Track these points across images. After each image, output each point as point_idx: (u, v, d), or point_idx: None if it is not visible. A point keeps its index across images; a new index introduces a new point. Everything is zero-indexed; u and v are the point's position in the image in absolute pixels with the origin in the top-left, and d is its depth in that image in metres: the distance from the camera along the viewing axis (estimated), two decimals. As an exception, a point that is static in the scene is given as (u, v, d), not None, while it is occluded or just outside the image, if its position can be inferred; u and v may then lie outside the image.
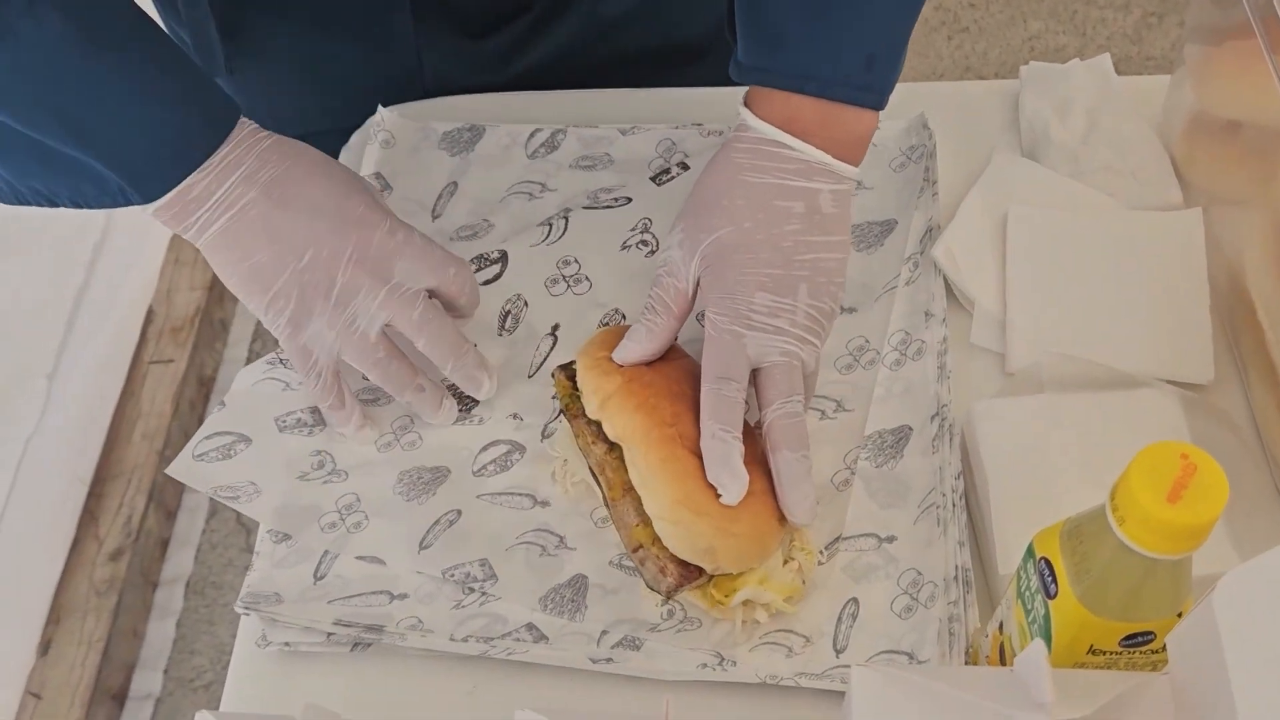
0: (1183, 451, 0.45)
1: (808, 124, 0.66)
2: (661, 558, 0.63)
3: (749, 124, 0.67)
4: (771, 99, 0.67)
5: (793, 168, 0.66)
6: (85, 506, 1.63)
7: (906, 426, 0.70)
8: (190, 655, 1.61)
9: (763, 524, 0.63)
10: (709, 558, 0.62)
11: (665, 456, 0.63)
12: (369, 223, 0.67)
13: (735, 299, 0.65)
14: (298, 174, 0.66)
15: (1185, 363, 0.72)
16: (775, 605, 0.63)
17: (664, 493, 0.62)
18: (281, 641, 0.65)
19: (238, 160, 0.65)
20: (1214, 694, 0.41)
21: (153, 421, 1.71)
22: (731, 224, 0.66)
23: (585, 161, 0.83)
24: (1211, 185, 0.79)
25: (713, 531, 0.61)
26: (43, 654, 1.52)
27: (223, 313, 1.90)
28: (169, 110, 0.63)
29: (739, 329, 0.65)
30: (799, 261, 0.66)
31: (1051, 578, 0.51)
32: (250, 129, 0.66)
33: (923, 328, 0.74)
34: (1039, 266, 0.76)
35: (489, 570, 0.67)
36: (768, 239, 0.66)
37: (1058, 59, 0.85)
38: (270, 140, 0.67)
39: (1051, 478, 0.66)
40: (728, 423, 0.63)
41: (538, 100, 0.88)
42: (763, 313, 0.65)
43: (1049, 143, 0.82)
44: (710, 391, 0.64)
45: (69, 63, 0.60)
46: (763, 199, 0.66)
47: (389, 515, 0.69)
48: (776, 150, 0.66)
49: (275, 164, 0.66)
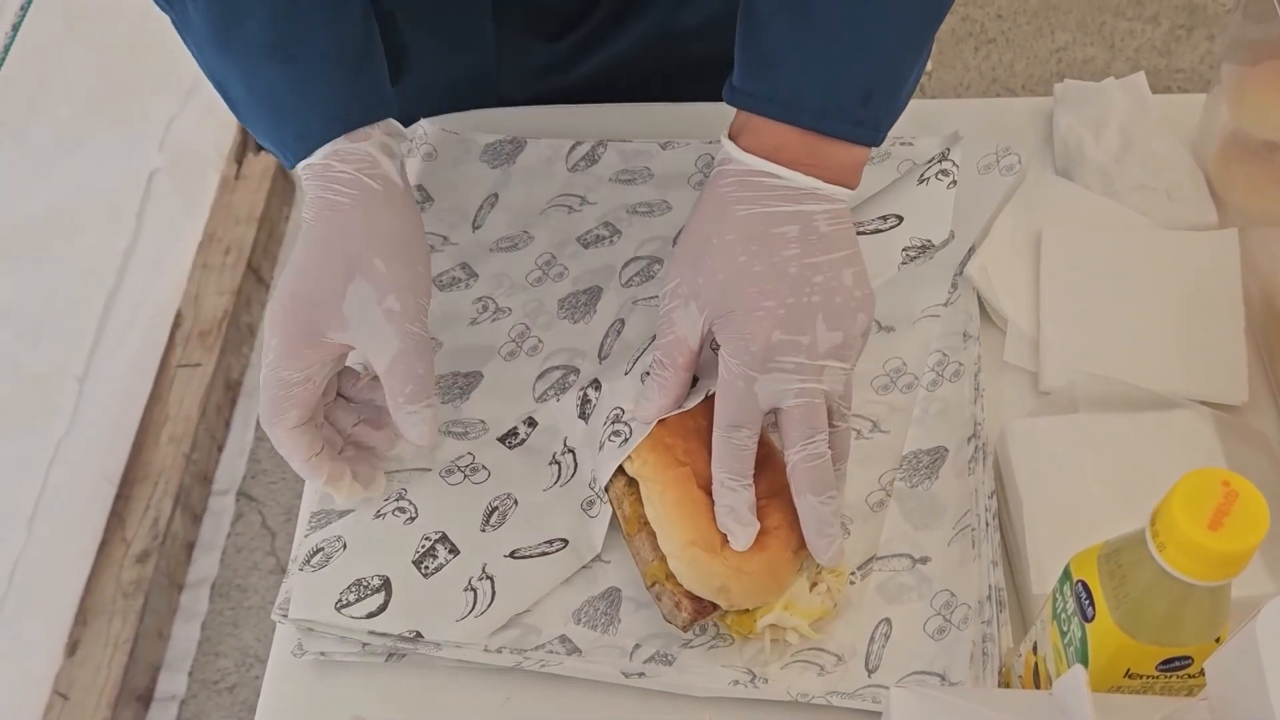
0: (1224, 479, 0.45)
1: (796, 154, 0.63)
2: (676, 593, 0.63)
3: (733, 156, 0.64)
4: (759, 130, 0.63)
5: (780, 195, 0.63)
6: (113, 508, 1.64)
7: (942, 448, 0.71)
8: (215, 657, 1.62)
9: (777, 561, 0.63)
10: (723, 595, 0.62)
11: (680, 497, 0.63)
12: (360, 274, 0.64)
13: (747, 341, 0.62)
14: (363, 208, 0.65)
15: (1219, 383, 0.72)
16: (801, 630, 0.63)
17: (678, 532, 0.62)
18: (317, 651, 0.66)
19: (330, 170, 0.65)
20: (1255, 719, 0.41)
21: (180, 425, 1.73)
22: (727, 261, 0.62)
23: (625, 175, 0.84)
24: (1247, 206, 0.78)
25: (726, 571, 0.62)
26: (70, 655, 1.53)
27: (249, 317, 1.91)
28: (275, 114, 0.66)
29: (751, 373, 0.62)
30: (811, 286, 0.62)
31: (1089, 601, 0.51)
32: (373, 143, 0.66)
33: (960, 349, 0.74)
34: (1073, 285, 0.77)
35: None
36: (768, 269, 0.62)
37: (1085, 71, 0.85)
38: (357, 170, 0.65)
39: (1085, 498, 0.66)
40: (736, 472, 0.62)
41: (576, 114, 0.89)
42: (778, 350, 0.62)
43: (1083, 161, 0.82)
44: (720, 439, 0.63)
45: (214, 42, 0.65)
46: (754, 229, 0.62)
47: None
48: (762, 180, 0.63)
49: (346, 191, 0.65)
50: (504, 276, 0.80)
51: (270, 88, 0.65)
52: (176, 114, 1.85)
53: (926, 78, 2.10)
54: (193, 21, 0.65)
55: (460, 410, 0.74)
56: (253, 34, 0.64)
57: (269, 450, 1.80)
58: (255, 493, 1.77)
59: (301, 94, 0.65)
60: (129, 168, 1.77)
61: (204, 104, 1.89)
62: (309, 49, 0.65)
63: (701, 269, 0.63)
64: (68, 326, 1.65)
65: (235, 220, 1.93)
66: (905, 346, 0.75)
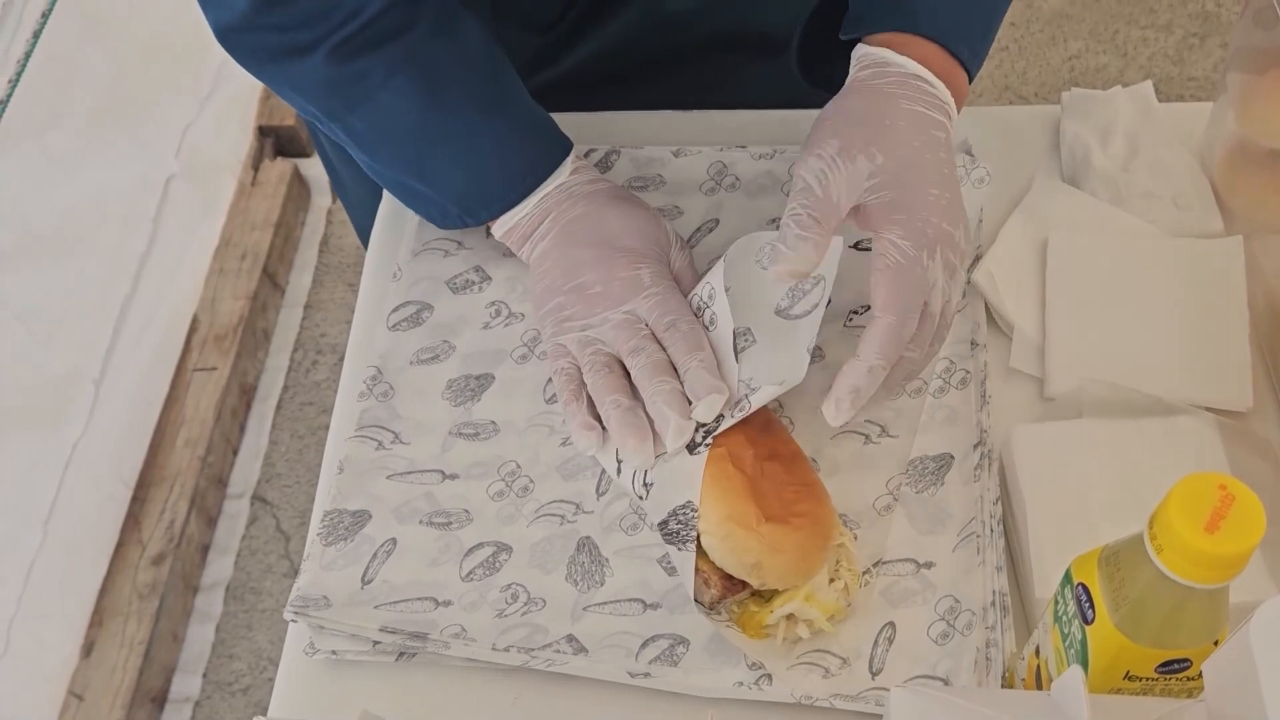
0: (1221, 482, 0.46)
1: (938, 70, 0.69)
2: (706, 569, 0.64)
3: (892, 60, 0.69)
4: (908, 44, 0.69)
5: (933, 103, 0.69)
6: (128, 511, 1.66)
7: (949, 454, 0.71)
8: (229, 659, 1.64)
9: (809, 544, 0.64)
10: (755, 573, 0.63)
11: (715, 474, 0.64)
12: (624, 262, 0.73)
13: (923, 224, 0.64)
14: (594, 215, 0.75)
15: (1224, 389, 0.73)
16: (819, 623, 0.64)
17: (713, 508, 0.63)
18: (329, 650, 0.67)
19: (546, 208, 0.76)
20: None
21: (195, 428, 1.74)
22: (903, 142, 0.66)
23: (638, 182, 0.85)
24: (1252, 213, 0.79)
25: (760, 548, 0.63)
26: (85, 656, 1.55)
27: (265, 322, 1.93)
28: (490, 160, 0.75)
29: (926, 258, 0.64)
30: (955, 193, 0.67)
31: (1089, 603, 0.52)
32: (572, 175, 0.77)
33: (968, 357, 0.74)
34: (1079, 292, 0.77)
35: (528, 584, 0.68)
36: (935, 162, 0.66)
37: (1098, 79, 0.86)
38: (585, 188, 0.76)
39: (1089, 503, 0.67)
40: (889, 358, 0.63)
41: (590, 120, 0.90)
42: (943, 240, 0.64)
43: (1090, 169, 0.83)
44: (888, 327, 0.63)
45: (414, 123, 0.74)
46: (921, 126, 0.67)
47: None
48: (920, 85, 0.68)
49: (579, 206, 0.76)
50: (517, 281, 0.81)
51: (492, 138, 0.75)
52: (193, 120, 1.87)
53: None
54: (388, 110, 0.73)
55: (471, 412, 0.75)
56: (458, 98, 0.74)
57: (283, 454, 1.81)
58: (270, 496, 1.78)
59: (521, 136, 0.76)
60: (146, 173, 1.79)
61: (220, 110, 1.90)
62: (512, 94, 0.76)
63: (877, 141, 0.65)
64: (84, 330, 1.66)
65: (251, 225, 1.94)
66: None
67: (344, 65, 0.72)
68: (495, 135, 0.75)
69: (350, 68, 0.72)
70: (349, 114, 0.74)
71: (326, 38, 0.71)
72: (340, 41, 0.71)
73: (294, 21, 0.71)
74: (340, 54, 0.71)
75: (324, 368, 1.90)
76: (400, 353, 0.78)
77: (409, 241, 0.84)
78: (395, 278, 0.82)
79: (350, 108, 0.74)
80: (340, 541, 0.71)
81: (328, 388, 1.87)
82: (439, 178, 0.77)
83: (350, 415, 0.76)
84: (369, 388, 0.77)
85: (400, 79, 0.72)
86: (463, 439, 0.74)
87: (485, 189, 0.76)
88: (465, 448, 0.74)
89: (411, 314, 0.80)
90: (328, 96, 0.74)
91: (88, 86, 1.63)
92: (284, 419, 1.85)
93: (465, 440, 0.74)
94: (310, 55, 0.71)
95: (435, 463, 0.74)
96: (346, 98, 0.73)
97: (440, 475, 0.73)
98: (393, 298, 0.81)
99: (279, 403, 1.87)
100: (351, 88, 0.73)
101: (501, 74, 0.77)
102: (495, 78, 0.76)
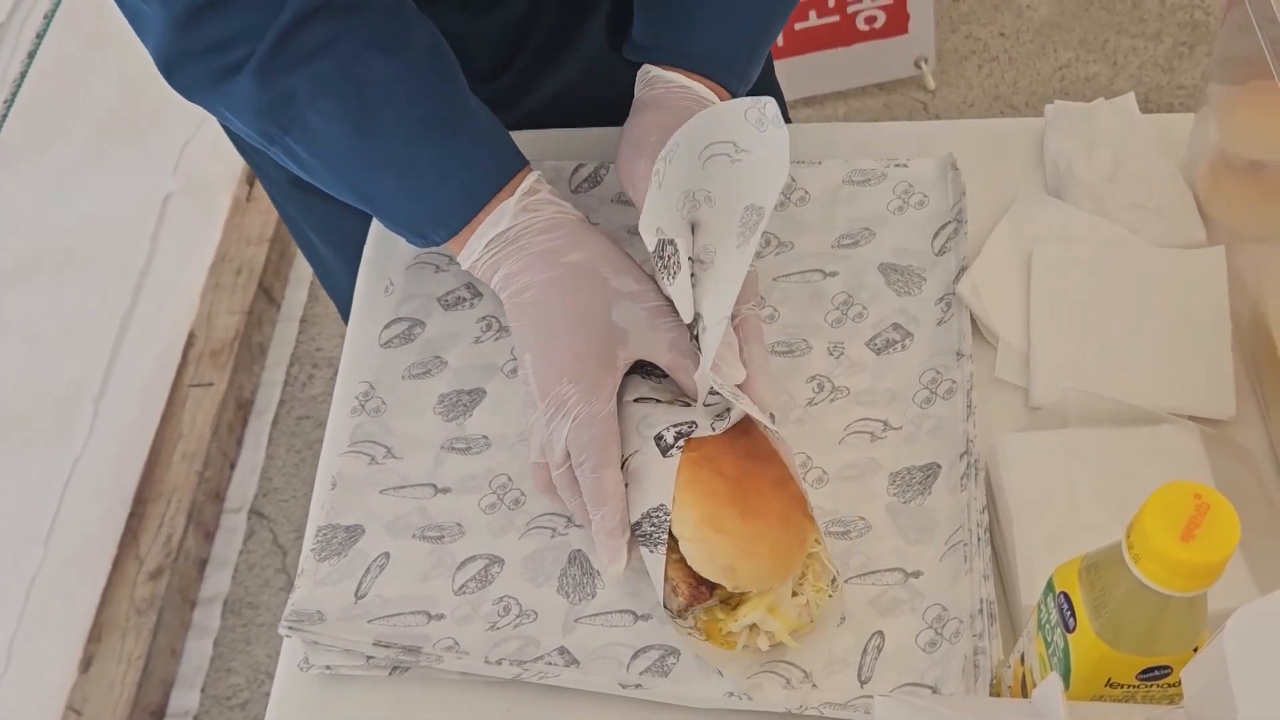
0: (1196, 491, 0.47)
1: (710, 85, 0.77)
2: (674, 578, 0.64)
3: (672, 79, 0.76)
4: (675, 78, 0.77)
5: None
6: (126, 526, 1.66)
7: (935, 464, 0.72)
8: (227, 674, 1.64)
9: (784, 547, 0.64)
10: (729, 575, 0.64)
11: (690, 478, 0.65)
12: (555, 377, 0.70)
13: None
14: (541, 305, 0.71)
15: (1207, 398, 0.74)
16: (779, 635, 0.65)
17: (690, 512, 0.64)
18: (323, 665, 0.67)
19: (496, 261, 0.72)
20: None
21: (192, 443, 1.75)
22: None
23: (625, 197, 0.86)
24: (1235, 223, 0.80)
25: (735, 550, 0.63)
26: (84, 670, 1.55)
27: (261, 337, 1.94)
28: (429, 184, 0.72)
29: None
30: None
31: (1070, 612, 0.52)
32: (522, 213, 0.72)
33: (954, 367, 0.75)
34: (1063, 302, 0.78)
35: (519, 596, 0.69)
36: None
37: (1088, 88, 0.87)
38: (536, 242, 0.72)
39: (1074, 512, 0.68)
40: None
41: (579, 136, 0.91)
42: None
43: (1074, 180, 0.84)
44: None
45: (348, 146, 0.71)
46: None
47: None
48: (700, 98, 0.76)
49: (529, 274, 0.71)
50: None
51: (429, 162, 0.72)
52: (190, 138, 1.88)
53: (930, 96, 2.12)
54: (317, 133, 0.70)
55: (464, 427, 0.76)
56: (391, 119, 0.71)
57: (280, 468, 1.82)
58: (267, 510, 1.79)
59: (460, 161, 0.73)
60: (144, 191, 1.80)
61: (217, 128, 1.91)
62: (455, 111, 0.73)
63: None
64: (85, 346, 1.67)
65: (247, 241, 1.95)
66: (900, 363, 0.76)
67: (271, 85, 0.69)
68: (430, 159, 0.72)
69: (277, 88, 0.69)
70: (285, 136, 0.71)
71: (251, 55, 0.68)
72: (265, 57, 0.67)
73: (218, 39, 0.68)
74: (267, 72, 0.68)
75: (320, 382, 1.91)
76: (392, 368, 0.79)
77: (401, 255, 0.85)
78: (388, 292, 0.83)
79: (285, 130, 0.71)
80: (334, 556, 0.71)
81: (324, 402, 1.87)
82: (381, 202, 0.74)
83: (343, 430, 0.77)
84: (361, 403, 0.78)
85: (325, 100, 0.69)
86: (455, 453, 0.75)
87: (429, 213, 0.73)
88: (457, 462, 0.75)
89: (403, 330, 0.81)
90: (260, 119, 0.71)
91: (86, 105, 1.64)
92: (280, 433, 1.86)
93: (457, 454, 0.75)
94: (239, 75, 0.68)
95: (427, 477, 0.74)
96: (279, 120, 0.70)
97: (433, 489, 0.74)
98: (385, 314, 0.82)
99: (275, 417, 1.88)
100: (281, 109, 0.70)
101: (446, 89, 0.73)
102: (437, 95, 0.73)
